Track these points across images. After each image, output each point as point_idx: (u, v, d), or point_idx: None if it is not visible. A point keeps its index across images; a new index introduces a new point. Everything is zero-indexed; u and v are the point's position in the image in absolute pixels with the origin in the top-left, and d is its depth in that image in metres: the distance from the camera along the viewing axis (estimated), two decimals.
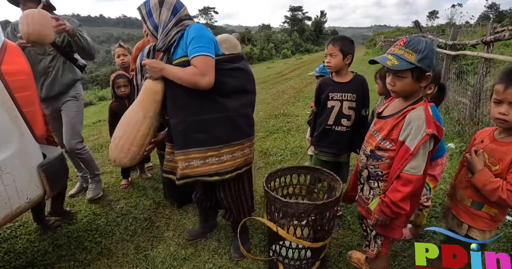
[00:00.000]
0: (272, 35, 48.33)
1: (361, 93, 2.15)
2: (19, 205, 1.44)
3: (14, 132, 1.39)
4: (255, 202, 2.74)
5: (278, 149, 4.10)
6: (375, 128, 1.53)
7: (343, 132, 2.20)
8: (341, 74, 2.19)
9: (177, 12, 1.74)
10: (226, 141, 1.73)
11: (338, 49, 2.10)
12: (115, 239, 2.38)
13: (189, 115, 1.68)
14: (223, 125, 1.71)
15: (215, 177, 1.75)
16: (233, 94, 1.75)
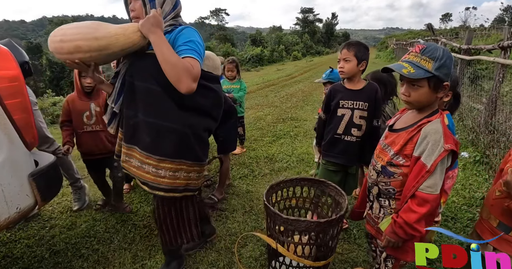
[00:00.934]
0: (283, 37, 48.23)
1: (374, 102, 2.04)
2: (8, 215, 1.38)
3: (3, 140, 1.34)
4: (257, 211, 2.67)
5: (284, 155, 4.01)
6: (387, 142, 1.42)
7: (353, 142, 2.09)
8: (354, 81, 2.08)
9: (177, 7, 1.63)
10: (170, 156, 1.55)
11: (352, 54, 1.98)
12: (112, 247, 2.32)
13: (143, 113, 1.53)
14: (173, 138, 1.54)
15: (145, 186, 1.62)
16: (195, 112, 1.60)
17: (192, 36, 1.49)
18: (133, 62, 1.56)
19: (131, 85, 1.55)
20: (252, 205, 2.79)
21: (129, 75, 1.56)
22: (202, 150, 1.68)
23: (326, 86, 2.98)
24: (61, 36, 1.36)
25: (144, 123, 1.53)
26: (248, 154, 4.12)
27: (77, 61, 1.38)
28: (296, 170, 3.48)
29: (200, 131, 1.63)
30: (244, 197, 2.93)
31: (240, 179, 3.34)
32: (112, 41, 1.35)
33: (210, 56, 1.90)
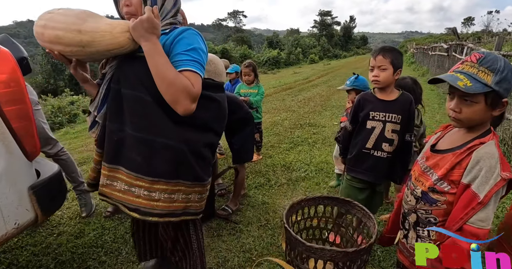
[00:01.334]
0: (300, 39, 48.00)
1: (407, 115, 1.85)
2: (5, 231, 1.26)
3: (1, 151, 1.22)
4: (274, 225, 2.50)
5: (302, 163, 3.82)
6: (429, 164, 1.23)
7: (383, 158, 1.89)
8: (386, 91, 1.88)
9: (178, 3, 1.40)
10: (165, 176, 1.30)
11: (389, 62, 1.78)
12: (120, 259, 2.19)
13: (131, 127, 1.27)
14: (168, 156, 1.29)
15: (135, 213, 1.30)
16: (194, 126, 1.35)
17: (194, 42, 1.26)
18: (121, 65, 1.30)
19: (117, 93, 1.29)
20: (268, 218, 2.62)
21: (115, 81, 1.30)
22: (203, 168, 1.42)
23: (350, 93, 2.79)
24: (45, 21, 1.16)
25: (133, 139, 1.27)
26: (265, 161, 3.95)
27: (56, 53, 1.18)
28: (314, 181, 3.29)
29: (199, 148, 1.38)
30: (260, 209, 2.77)
31: (255, 189, 3.18)
32: (97, 38, 1.14)
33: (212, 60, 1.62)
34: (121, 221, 2.68)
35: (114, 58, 1.31)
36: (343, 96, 5.68)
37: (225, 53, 29.96)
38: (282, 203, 2.85)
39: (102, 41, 1.14)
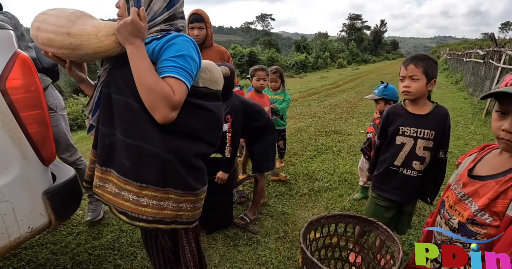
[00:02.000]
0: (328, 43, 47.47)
1: (442, 130, 1.69)
2: (18, 235, 1.26)
3: (16, 156, 1.22)
4: (292, 238, 2.40)
5: (325, 173, 3.69)
6: (467, 191, 1.09)
7: (413, 177, 1.74)
8: (418, 103, 1.72)
9: (173, 6, 1.29)
10: (153, 183, 1.25)
11: (421, 71, 1.62)
12: (135, 264, 2.17)
13: (121, 132, 1.24)
14: (156, 165, 1.24)
15: (123, 216, 1.28)
16: (183, 135, 1.30)
17: (184, 48, 1.19)
18: (112, 69, 1.26)
19: (108, 98, 1.25)
20: (286, 229, 2.53)
21: (106, 85, 1.26)
22: (196, 178, 1.35)
23: (378, 103, 2.64)
24: (39, 23, 1.13)
25: (123, 144, 1.24)
26: (287, 169, 3.86)
27: (50, 55, 1.16)
28: (337, 192, 3.16)
29: (189, 158, 1.32)
30: (279, 220, 2.68)
31: (276, 198, 3.08)
32: (84, 41, 1.11)
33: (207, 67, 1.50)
34: None
35: (107, 60, 1.28)
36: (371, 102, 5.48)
37: (253, 56, 30.02)
38: (303, 215, 2.74)
39: (89, 44, 1.11)
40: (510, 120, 0.94)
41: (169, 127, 1.22)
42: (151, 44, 1.20)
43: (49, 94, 2.38)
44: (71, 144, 2.53)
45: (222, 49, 2.78)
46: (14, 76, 1.21)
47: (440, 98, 8.93)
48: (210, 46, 2.65)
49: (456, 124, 5.75)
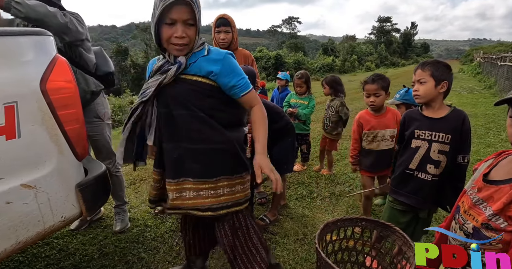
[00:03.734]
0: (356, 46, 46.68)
1: (459, 134, 1.66)
2: (52, 223, 1.36)
3: (53, 151, 1.32)
4: (311, 240, 2.41)
5: (347, 177, 3.65)
6: (481, 196, 1.08)
7: (428, 181, 1.72)
8: (433, 106, 1.71)
9: None
10: (225, 173, 1.49)
11: (428, 74, 1.66)
12: (157, 257, 2.26)
13: (189, 141, 1.44)
14: (227, 158, 1.50)
15: (208, 212, 1.50)
16: (237, 125, 1.58)
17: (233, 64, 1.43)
18: (163, 91, 1.42)
19: (170, 116, 1.43)
20: (306, 232, 2.54)
21: (164, 105, 1.44)
22: (247, 159, 1.61)
23: (399, 108, 2.60)
24: None
25: (191, 152, 1.45)
26: (309, 172, 3.85)
27: None
28: (359, 197, 3.12)
29: (242, 142, 1.59)
30: (299, 222, 2.69)
31: (296, 200, 3.10)
32: None
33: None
34: (162, 221, 2.77)
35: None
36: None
37: (279, 59, 30.07)
38: (322, 218, 2.74)
39: None
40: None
41: (228, 123, 1.49)
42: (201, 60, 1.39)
43: (99, 102, 2.42)
44: (112, 152, 2.56)
45: (246, 52, 2.84)
46: (54, 78, 1.31)
47: (472, 104, 8.57)
48: (235, 50, 2.71)
49: (487, 131, 5.50)
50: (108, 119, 2.54)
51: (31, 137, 1.26)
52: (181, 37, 1.31)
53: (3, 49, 1.24)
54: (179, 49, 1.35)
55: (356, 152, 2.50)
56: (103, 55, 2.47)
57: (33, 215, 1.28)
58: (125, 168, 4.29)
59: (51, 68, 1.31)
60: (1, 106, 1.18)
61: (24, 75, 1.27)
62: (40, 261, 2.24)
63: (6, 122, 1.19)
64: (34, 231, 1.30)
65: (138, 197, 3.33)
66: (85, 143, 1.48)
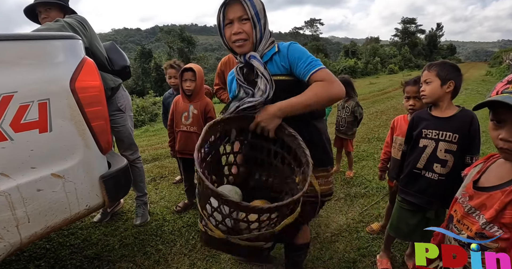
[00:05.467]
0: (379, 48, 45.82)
1: (467, 133, 1.66)
2: (78, 211, 1.47)
3: (80, 144, 1.44)
4: (323, 240, 2.44)
5: (363, 179, 3.65)
6: (473, 204, 1.04)
7: (435, 180, 1.73)
8: (441, 106, 1.73)
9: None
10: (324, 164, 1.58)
11: (434, 74, 1.70)
12: (174, 250, 2.36)
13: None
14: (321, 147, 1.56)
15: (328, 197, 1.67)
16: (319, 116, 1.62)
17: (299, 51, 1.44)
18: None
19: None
20: (318, 231, 2.57)
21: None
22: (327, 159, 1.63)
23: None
24: None
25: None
26: None
27: None
28: (374, 199, 3.12)
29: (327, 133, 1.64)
30: (312, 221, 2.72)
31: None
32: None
33: None
34: (180, 216, 2.88)
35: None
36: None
37: None
38: (336, 218, 2.76)
39: None
40: (506, 128, 0.92)
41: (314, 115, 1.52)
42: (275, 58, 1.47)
43: (119, 95, 2.54)
44: (134, 143, 2.70)
45: None
46: (82, 78, 1.43)
47: None
48: None
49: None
50: (130, 111, 2.65)
51: (61, 131, 1.38)
52: (237, 32, 1.40)
53: (39, 51, 1.37)
54: (239, 45, 1.43)
55: (386, 156, 2.42)
56: (117, 50, 2.55)
57: (61, 202, 1.39)
58: (146, 165, 4.46)
59: (79, 69, 1.43)
60: (36, 102, 1.31)
61: (56, 75, 1.40)
62: (65, 249, 2.40)
63: (39, 117, 1.31)
64: (61, 218, 1.42)
65: (158, 193, 3.46)
66: (109, 138, 1.59)
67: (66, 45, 1.48)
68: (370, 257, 2.20)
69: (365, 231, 2.52)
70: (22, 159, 1.28)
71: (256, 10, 1.40)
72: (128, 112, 2.62)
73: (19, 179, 1.27)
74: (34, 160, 1.31)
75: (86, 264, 2.23)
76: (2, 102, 1.22)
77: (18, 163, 1.27)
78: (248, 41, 1.42)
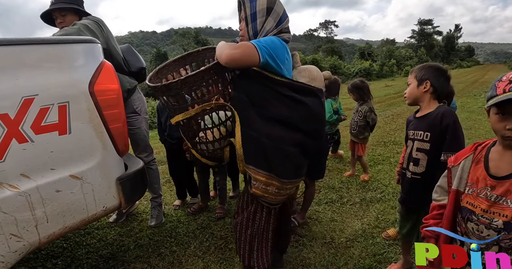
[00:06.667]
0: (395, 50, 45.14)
1: (439, 130, 1.62)
2: (95, 212, 1.49)
3: (98, 147, 1.46)
4: (338, 245, 2.40)
5: (379, 183, 3.58)
6: (499, 192, 1.09)
7: (410, 179, 1.79)
8: (421, 107, 1.78)
9: (280, 24, 1.61)
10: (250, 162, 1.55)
11: (413, 77, 1.76)
12: (188, 252, 2.37)
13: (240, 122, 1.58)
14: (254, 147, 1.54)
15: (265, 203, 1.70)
16: (278, 123, 1.53)
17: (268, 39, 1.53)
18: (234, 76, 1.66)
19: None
20: (333, 236, 2.53)
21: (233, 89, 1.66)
22: (288, 167, 1.56)
23: None
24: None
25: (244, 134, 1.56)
26: (340, 177, 3.82)
27: None
28: (390, 204, 3.05)
29: (284, 145, 1.53)
30: (327, 226, 2.69)
31: (326, 205, 3.09)
32: None
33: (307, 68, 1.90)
34: (194, 218, 2.89)
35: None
36: None
37: (315, 63, 29.78)
38: (352, 223, 2.72)
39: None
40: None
41: (268, 115, 1.52)
42: None
43: (135, 97, 2.57)
44: (149, 145, 2.72)
45: None
46: (100, 81, 1.46)
47: None
48: None
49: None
50: (145, 114, 2.66)
51: (80, 134, 1.41)
52: (239, 30, 1.67)
53: (59, 55, 1.40)
54: (239, 40, 1.66)
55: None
56: (133, 52, 2.58)
57: (78, 203, 1.42)
58: (160, 167, 4.49)
59: (98, 72, 1.46)
60: (56, 105, 1.33)
61: (75, 78, 1.42)
62: (81, 248, 2.44)
63: (59, 119, 1.34)
64: (79, 218, 1.44)
65: (172, 194, 3.49)
66: (126, 140, 1.61)
67: (86, 49, 1.50)
68: (386, 263, 2.15)
69: (381, 237, 2.47)
70: (42, 161, 1.31)
71: (255, 10, 1.55)
72: (143, 114, 2.63)
73: (39, 180, 1.30)
74: (53, 162, 1.33)
75: (102, 264, 2.26)
76: (23, 105, 1.25)
77: (38, 165, 1.30)
78: (244, 37, 1.62)
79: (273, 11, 1.56)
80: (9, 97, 1.23)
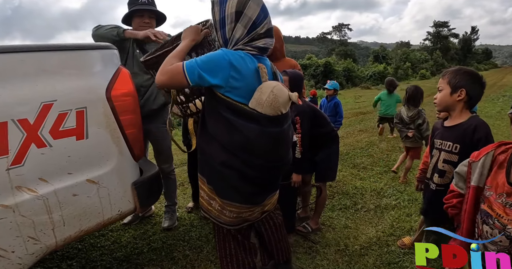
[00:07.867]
0: (410, 53, 44.46)
1: (469, 143, 1.55)
2: (110, 216, 1.51)
3: (114, 151, 1.49)
4: (352, 252, 2.36)
5: (394, 190, 3.51)
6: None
7: (433, 191, 1.72)
8: (452, 115, 1.69)
9: (254, 30, 1.39)
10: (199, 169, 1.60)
11: (446, 82, 1.64)
12: (201, 256, 2.37)
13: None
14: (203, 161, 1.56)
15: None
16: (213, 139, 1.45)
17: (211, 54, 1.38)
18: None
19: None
20: (347, 243, 2.49)
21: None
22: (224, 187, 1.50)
23: None
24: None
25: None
26: (354, 183, 3.77)
27: None
28: (405, 211, 2.99)
29: (212, 162, 1.47)
30: (341, 233, 2.65)
31: (340, 211, 3.04)
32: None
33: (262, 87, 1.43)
34: (207, 222, 2.88)
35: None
36: None
37: (328, 66, 29.53)
38: (366, 230, 2.67)
39: None
40: None
41: (205, 128, 1.49)
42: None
43: (166, 109, 2.57)
44: (171, 156, 2.78)
45: (292, 63, 2.86)
46: (117, 87, 1.49)
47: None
48: (280, 59, 2.73)
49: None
50: (171, 125, 2.71)
51: (97, 139, 1.43)
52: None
53: (78, 61, 1.43)
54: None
55: (424, 166, 2.12)
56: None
57: (94, 207, 1.44)
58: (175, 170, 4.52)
59: (115, 78, 1.49)
60: (74, 110, 1.36)
61: (93, 84, 1.45)
62: (96, 250, 2.46)
63: (77, 124, 1.36)
64: (95, 222, 1.46)
65: (186, 198, 3.50)
66: (142, 145, 1.63)
67: (103, 55, 1.53)
68: None
69: (396, 245, 2.41)
70: (60, 165, 1.33)
71: (224, 14, 1.38)
72: (170, 127, 2.66)
73: (56, 184, 1.32)
74: (70, 166, 1.36)
75: (116, 266, 2.28)
76: (42, 110, 1.27)
77: (56, 169, 1.32)
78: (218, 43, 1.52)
79: (243, 15, 1.35)
80: (28, 102, 1.26)
